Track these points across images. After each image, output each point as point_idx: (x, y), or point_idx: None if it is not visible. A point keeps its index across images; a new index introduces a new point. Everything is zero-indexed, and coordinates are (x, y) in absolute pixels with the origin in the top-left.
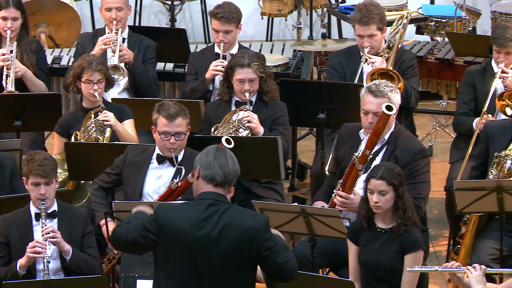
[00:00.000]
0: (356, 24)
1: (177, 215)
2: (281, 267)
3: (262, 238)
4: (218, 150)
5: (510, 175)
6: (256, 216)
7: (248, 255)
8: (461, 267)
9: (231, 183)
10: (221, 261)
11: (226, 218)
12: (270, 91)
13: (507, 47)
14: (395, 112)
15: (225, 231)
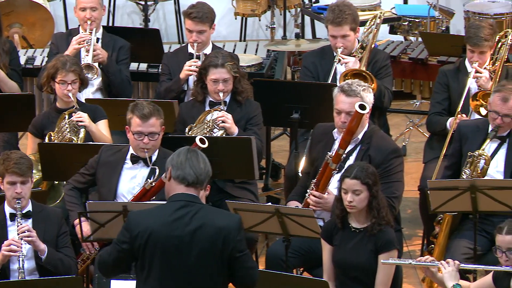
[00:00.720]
0: (329, 25)
1: (148, 219)
2: (249, 271)
3: (235, 238)
4: (189, 151)
5: (483, 174)
6: (229, 216)
7: (221, 256)
8: (435, 262)
9: (202, 183)
10: (195, 262)
11: (199, 218)
12: (244, 91)
13: (481, 47)
14: (368, 111)
15: (198, 232)
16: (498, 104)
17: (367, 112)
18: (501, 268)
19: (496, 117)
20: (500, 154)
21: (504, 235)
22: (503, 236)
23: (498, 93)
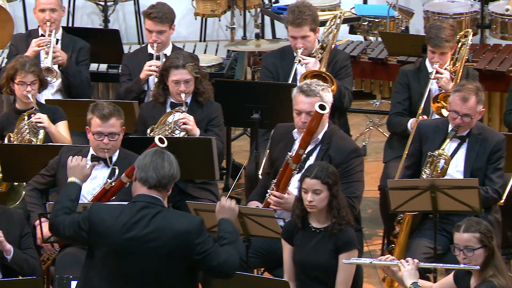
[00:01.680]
0: (289, 26)
1: (109, 216)
2: (217, 269)
3: (194, 242)
4: (156, 153)
5: (443, 174)
6: (189, 219)
7: (179, 258)
8: (395, 261)
9: (166, 186)
10: (151, 264)
11: (157, 221)
12: (205, 92)
13: (442, 48)
14: (328, 111)
15: (155, 235)
16: (458, 103)
17: (327, 112)
18: (460, 267)
19: (456, 116)
20: (460, 154)
21: (462, 233)
22: (460, 234)
23: (458, 92)
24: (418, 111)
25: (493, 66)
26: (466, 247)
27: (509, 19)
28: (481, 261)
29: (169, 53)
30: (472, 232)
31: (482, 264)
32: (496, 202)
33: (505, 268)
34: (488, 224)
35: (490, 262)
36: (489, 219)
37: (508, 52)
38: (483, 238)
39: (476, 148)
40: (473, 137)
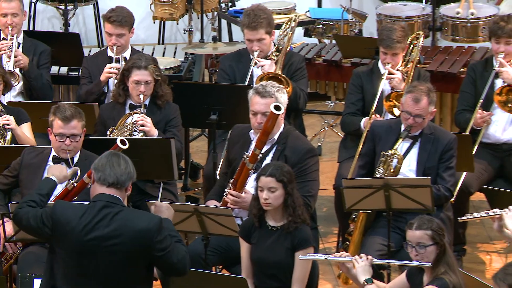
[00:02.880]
0: (245, 29)
1: (72, 215)
2: (175, 266)
3: (155, 240)
4: (111, 154)
5: (396, 173)
6: (149, 217)
7: (140, 256)
8: (349, 257)
9: (124, 184)
10: (113, 263)
11: (118, 220)
12: (164, 95)
13: (394, 49)
14: (283, 111)
15: (116, 233)
16: (410, 104)
17: (282, 113)
18: (412, 263)
19: (408, 117)
20: (412, 153)
21: (414, 230)
22: (413, 232)
23: (410, 94)
24: (371, 110)
25: (444, 67)
26: (418, 244)
27: (459, 21)
28: (433, 258)
29: (129, 55)
30: (424, 230)
31: (434, 261)
32: (448, 200)
33: (457, 264)
34: (440, 222)
35: (442, 259)
36: (441, 217)
37: (459, 54)
38: (435, 235)
39: (428, 148)
40: (425, 137)
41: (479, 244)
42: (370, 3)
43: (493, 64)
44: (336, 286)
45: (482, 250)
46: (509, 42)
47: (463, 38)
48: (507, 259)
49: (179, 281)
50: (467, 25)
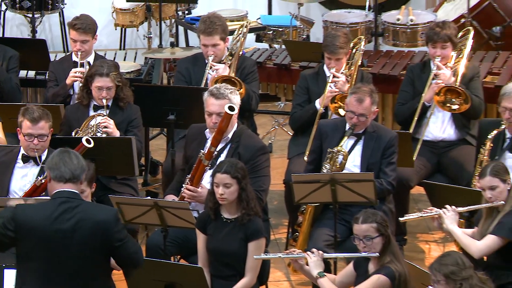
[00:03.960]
0: (201, 35)
1: (34, 213)
2: (132, 256)
3: (113, 230)
4: (61, 151)
5: (341, 168)
6: (106, 210)
7: (101, 247)
8: (301, 253)
9: (79, 177)
10: (76, 254)
11: (78, 213)
12: (125, 98)
13: (337, 54)
14: (236, 112)
15: (78, 226)
16: (354, 104)
17: (235, 113)
18: (361, 255)
19: (352, 116)
20: (357, 150)
21: (360, 224)
22: (359, 225)
23: (354, 94)
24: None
25: (386, 70)
26: (365, 236)
27: (400, 27)
28: (379, 249)
29: (92, 60)
30: (369, 223)
31: (380, 251)
32: (390, 194)
33: (400, 254)
34: (383, 215)
35: (387, 248)
36: (384, 209)
37: (399, 57)
38: (380, 227)
39: (371, 145)
40: (368, 135)
41: (418, 234)
42: (317, 11)
43: (430, 67)
44: (287, 274)
45: (422, 240)
46: (445, 47)
47: (403, 43)
48: (445, 248)
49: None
50: (407, 31)
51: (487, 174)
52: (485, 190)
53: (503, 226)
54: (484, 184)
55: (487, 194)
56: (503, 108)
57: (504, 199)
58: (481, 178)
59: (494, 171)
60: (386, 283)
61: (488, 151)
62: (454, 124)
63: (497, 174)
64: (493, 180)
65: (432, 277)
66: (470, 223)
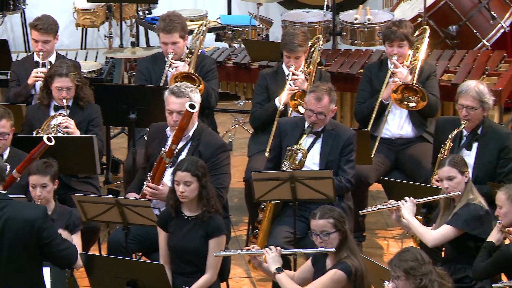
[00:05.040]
0: (160, 33)
1: None
2: (62, 253)
3: (42, 227)
4: None
5: (301, 166)
6: (35, 207)
7: (31, 244)
8: (260, 250)
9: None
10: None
11: (7, 213)
12: (85, 97)
13: (296, 52)
14: (197, 109)
15: (7, 225)
16: (313, 103)
17: (196, 111)
18: (318, 250)
19: (311, 114)
20: (316, 148)
21: (317, 219)
22: (316, 221)
23: (313, 93)
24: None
25: (344, 69)
26: (322, 232)
27: (357, 27)
28: (336, 244)
29: (54, 60)
30: (326, 219)
31: (337, 246)
32: (349, 191)
33: (357, 249)
34: (341, 211)
35: (344, 244)
36: (342, 206)
37: (357, 56)
38: (337, 223)
39: (330, 143)
40: (327, 133)
41: (377, 231)
42: (275, 10)
43: (388, 65)
44: (247, 270)
45: (380, 236)
46: (401, 45)
47: (361, 42)
48: (403, 244)
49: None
50: (364, 30)
51: (446, 165)
52: (443, 181)
53: (458, 217)
54: (442, 174)
55: (445, 184)
56: (460, 106)
57: (461, 191)
58: (440, 168)
59: (453, 162)
60: (343, 278)
61: (448, 150)
62: (411, 122)
63: (456, 165)
64: (451, 170)
65: (391, 273)
66: (428, 220)
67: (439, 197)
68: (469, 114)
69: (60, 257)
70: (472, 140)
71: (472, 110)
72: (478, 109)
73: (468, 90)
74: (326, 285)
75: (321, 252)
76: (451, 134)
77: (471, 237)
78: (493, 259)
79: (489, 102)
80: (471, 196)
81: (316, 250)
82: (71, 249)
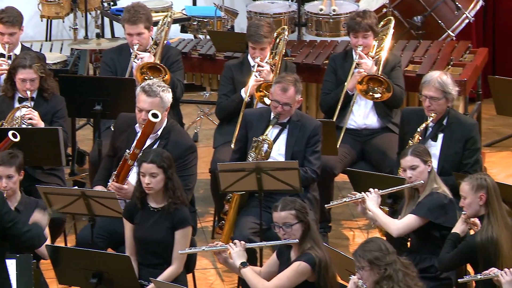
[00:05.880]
0: (125, 24)
1: None
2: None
3: (2, 212)
4: None
5: (267, 157)
6: None
7: None
8: (225, 245)
9: None
10: None
11: None
12: (49, 89)
13: (261, 44)
14: (160, 119)
15: None
16: (278, 93)
17: (158, 120)
18: (281, 242)
19: (277, 105)
20: (282, 139)
21: (279, 211)
22: (278, 213)
23: (278, 84)
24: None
25: (309, 60)
26: (284, 224)
27: (323, 18)
28: (299, 235)
29: (19, 52)
30: (288, 210)
31: (300, 237)
32: (314, 182)
33: (321, 240)
34: (302, 202)
35: (307, 235)
36: (308, 197)
37: (323, 47)
38: (299, 214)
39: (295, 133)
40: (292, 124)
41: (343, 221)
42: (240, 1)
43: (353, 56)
44: (214, 262)
45: (346, 227)
46: (366, 36)
47: (326, 33)
48: (369, 234)
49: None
50: (329, 21)
51: (409, 154)
52: (406, 170)
53: (422, 206)
54: (405, 164)
55: (408, 174)
56: (424, 96)
57: (424, 180)
58: (402, 158)
59: (415, 152)
60: (307, 270)
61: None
62: (376, 113)
63: (419, 154)
64: (414, 159)
65: (356, 263)
66: (394, 211)
67: (402, 187)
68: (432, 104)
69: (25, 240)
70: (438, 131)
71: (435, 101)
72: (441, 100)
73: (431, 80)
74: (290, 278)
75: (284, 244)
76: (419, 127)
77: (435, 226)
78: (459, 250)
79: (452, 93)
80: (435, 185)
81: (279, 243)
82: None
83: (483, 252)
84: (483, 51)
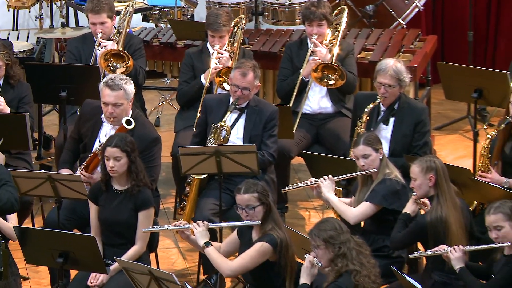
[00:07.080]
0: (89, 13)
1: None
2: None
3: None
4: None
5: (225, 142)
6: None
7: None
8: (188, 225)
9: None
10: None
11: None
12: (15, 75)
13: (220, 32)
14: (133, 125)
15: None
16: (238, 78)
17: (131, 127)
18: (244, 223)
19: (236, 90)
20: (240, 123)
21: (242, 194)
22: (241, 196)
23: (238, 69)
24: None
25: (266, 47)
26: (247, 206)
27: (279, 7)
28: (261, 217)
29: None
30: (251, 193)
31: (262, 219)
32: (271, 164)
33: (281, 221)
34: (264, 184)
35: (269, 216)
36: (266, 179)
37: (279, 35)
38: (261, 196)
39: (253, 118)
40: (250, 109)
41: (299, 202)
42: None
43: (308, 45)
44: (176, 241)
45: (302, 207)
46: (320, 25)
47: (282, 22)
48: (324, 214)
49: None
50: (285, 10)
51: (360, 143)
52: (359, 159)
53: (376, 194)
54: (358, 153)
55: (360, 162)
56: (379, 84)
57: (376, 167)
58: (355, 147)
59: (367, 141)
60: (269, 250)
61: (365, 123)
62: (330, 98)
63: (370, 143)
64: (366, 148)
65: (312, 242)
66: (347, 191)
67: (355, 174)
68: (387, 91)
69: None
70: (389, 115)
71: (390, 88)
72: (395, 87)
73: (387, 68)
74: (253, 258)
75: (247, 225)
76: (367, 108)
77: (389, 211)
78: (409, 229)
79: (406, 80)
80: (387, 171)
81: (242, 223)
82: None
83: (433, 231)
84: (432, 38)
